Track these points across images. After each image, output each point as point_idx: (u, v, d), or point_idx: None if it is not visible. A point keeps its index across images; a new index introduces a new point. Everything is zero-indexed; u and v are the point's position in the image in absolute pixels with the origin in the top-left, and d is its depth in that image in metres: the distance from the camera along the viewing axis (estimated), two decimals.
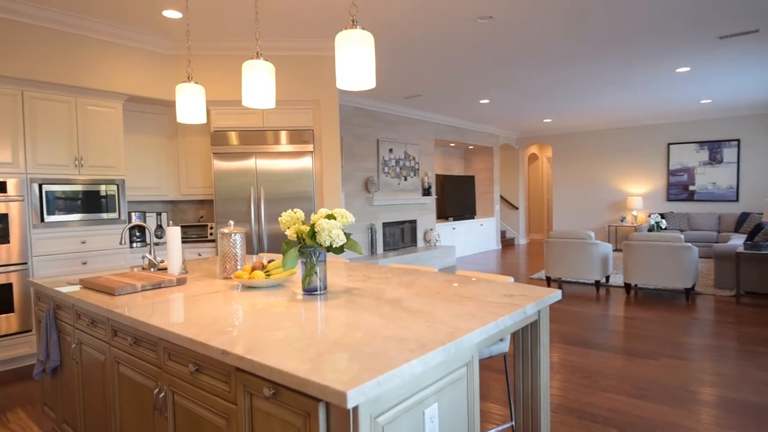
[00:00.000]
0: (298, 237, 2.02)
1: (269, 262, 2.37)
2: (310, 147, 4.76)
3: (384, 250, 8.11)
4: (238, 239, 2.51)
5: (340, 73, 1.88)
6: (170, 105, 4.88)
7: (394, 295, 1.98)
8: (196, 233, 4.96)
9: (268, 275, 2.26)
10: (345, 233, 2.02)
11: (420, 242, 8.99)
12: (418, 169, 8.92)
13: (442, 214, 10.04)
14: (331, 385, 1.04)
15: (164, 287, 2.29)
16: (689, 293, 5.63)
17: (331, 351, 1.27)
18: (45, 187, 3.85)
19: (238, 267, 2.51)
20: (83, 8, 3.80)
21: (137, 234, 4.70)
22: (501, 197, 12.45)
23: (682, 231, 9.29)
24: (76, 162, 4.05)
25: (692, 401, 2.92)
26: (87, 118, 4.12)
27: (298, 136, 4.74)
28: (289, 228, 2.06)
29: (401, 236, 8.59)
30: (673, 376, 3.32)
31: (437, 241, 9.21)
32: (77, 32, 3.99)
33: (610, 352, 3.87)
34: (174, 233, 2.67)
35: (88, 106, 4.13)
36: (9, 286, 3.68)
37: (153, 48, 4.48)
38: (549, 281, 6.69)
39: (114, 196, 4.27)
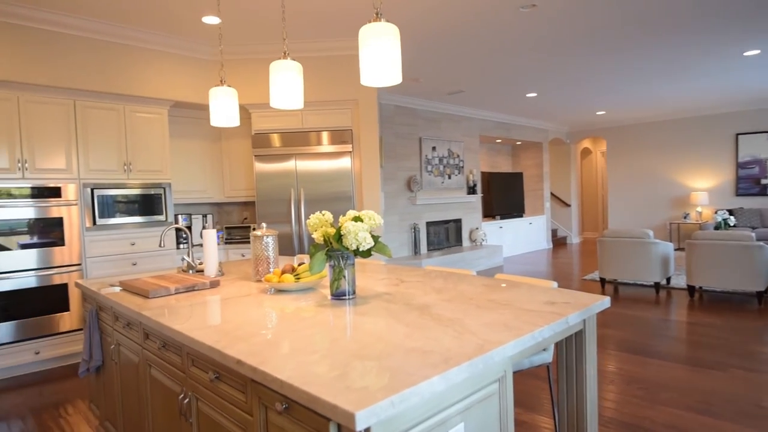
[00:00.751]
0: (325, 240, 1.96)
1: (300, 264, 2.33)
2: (348, 147, 4.72)
3: (428, 250, 7.97)
4: (270, 242, 2.49)
5: (364, 68, 1.80)
6: None
7: (425, 300, 1.88)
8: (239, 234, 5.05)
9: (298, 278, 2.21)
10: (373, 236, 1.94)
11: (465, 242, 8.78)
12: (462, 167, 8.72)
13: (489, 213, 9.77)
14: (340, 404, 0.95)
15: (197, 290, 2.30)
16: (762, 297, 5.13)
17: (347, 364, 1.19)
18: (96, 192, 4.03)
19: (271, 270, 2.48)
20: (129, 18, 3.93)
21: (184, 236, 4.84)
22: (552, 194, 11.98)
23: (753, 228, 8.53)
24: (125, 167, 4.21)
25: (766, 418, 2.62)
26: (134, 124, 4.27)
27: (336, 136, 4.72)
28: (316, 231, 2.00)
29: (446, 236, 8.43)
30: (743, 390, 3.00)
31: (483, 240, 8.97)
32: (124, 42, 4.15)
33: (671, 361, 3.57)
34: (210, 236, 2.69)
35: (136, 113, 4.28)
36: (65, 286, 3.87)
37: (195, 54, 4.59)
38: (603, 283, 6.32)
39: (161, 199, 4.40)
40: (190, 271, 2.84)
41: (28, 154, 3.70)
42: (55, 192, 3.82)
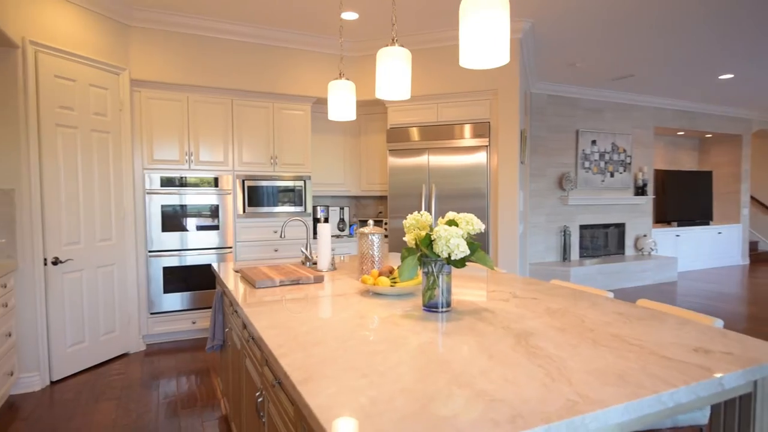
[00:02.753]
0: (416, 244, 1.75)
1: (398, 267, 2.16)
2: (485, 141, 4.39)
3: (580, 256, 7.13)
4: (375, 240, 2.37)
5: (464, 48, 1.53)
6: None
7: (530, 325, 1.55)
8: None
9: (394, 282, 2.05)
10: (472, 243, 1.67)
11: (628, 250, 7.64)
12: (629, 164, 7.57)
13: (662, 218, 8.35)
14: None
15: (302, 284, 2.30)
16: None
17: (390, 399, 0.98)
18: (247, 183, 4.43)
19: (375, 269, 2.37)
20: (275, 20, 4.21)
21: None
22: (752, 198, 9.75)
23: None
24: (272, 160, 4.55)
25: None
26: (281, 120, 4.59)
27: (472, 129, 4.43)
28: (410, 232, 1.81)
29: (604, 242, 7.44)
30: None
31: (652, 249, 7.69)
32: (273, 44, 4.46)
33: None
34: (323, 230, 2.69)
35: (283, 110, 4.59)
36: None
37: (335, 51, 4.74)
38: None
39: (301, 191, 4.67)
40: (308, 264, 2.89)
41: (194, 148, 4.23)
42: (214, 182, 4.30)
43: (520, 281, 2.36)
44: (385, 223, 5.10)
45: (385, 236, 4.99)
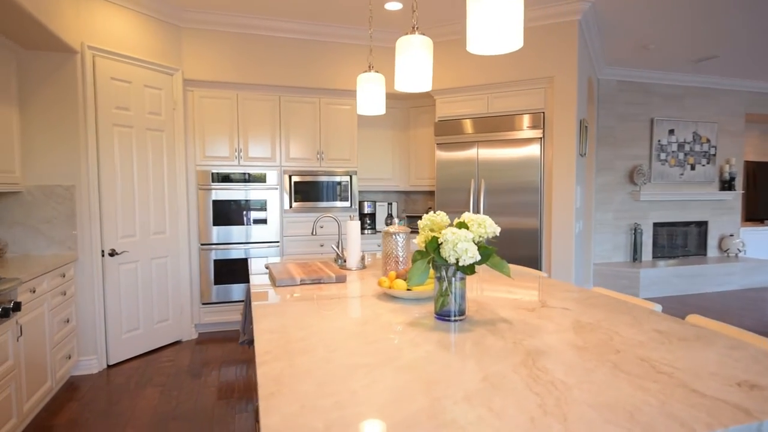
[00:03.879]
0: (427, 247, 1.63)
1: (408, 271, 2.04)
2: (538, 132, 4.10)
3: (653, 257, 6.54)
4: (400, 240, 2.27)
5: (471, 34, 1.38)
6: (401, 98, 4.99)
7: (546, 341, 1.38)
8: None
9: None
10: (485, 248, 1.52)
11: (711, 251, 6.89)
12: (714, 155, 6.81)
13: (753, 216, 7.45)
14: None
15: (323, 283, 2.25)
16: None
17: (344, 426, 0.89)
18: (294, 178, 4.48)
19: (402, 269, 2.27)
20: (320, 15, 4.18)
21: (368, 222, 5.03)
22: None
23: None
24: (318, 156, 4.56)
25: None
26: (328, 116, 4.58)
27: (525, 120, 4.15)
28: (421, 234, 1.68)
29: (682, 241, 6.77)
30: None
31: (740, 251, 6.88)
32: (319, 39, 4.45)
33: None
34: (352, 227, 2.62)
35: (329, 105, 4.58)
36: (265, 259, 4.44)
37: (380, 43, 4.64)
38: None
39: (347, 186, 4.64)
40: (339, 261, 2.84)
41: (242, 144, 4.33)
42: (262, 178, 4.39)
43: (558, 287, 2.15)
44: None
45: None
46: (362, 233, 4.93)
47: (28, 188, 3.22)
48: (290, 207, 4.49)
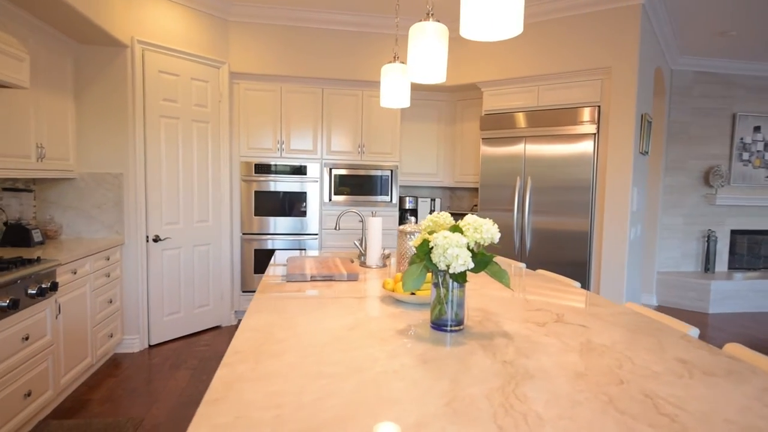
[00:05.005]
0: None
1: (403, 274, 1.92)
2: (592, 128, 3.79)
3: (729, 267, 5.89)
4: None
5: (464, 19, 1.24)
6: (449, 90, 4.82)
7: (541, 364, 1.22)
8: None
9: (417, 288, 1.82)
10: (482, 255, 1.38)
11: None
12: None
13: None
14: None
15: (335, 280, 2.19)
16: None
17: None
18: (334, 171, 4.46)
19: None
20: (365, 6, 4.11)
21: (409, 218, 4.91)
22: None
23: None
24: (359, 149, 4.51)
25: None
26: (370, 109, 4.51)
27: (578, 114, 3.85)
28: (421, 236, 1.57)
29: (767, 251, 6.04)
30: None
31: None
32: (362, 30, 4.38)
33: None
34: (374, 224, 2.54)
35: (372, 97, 4.51)
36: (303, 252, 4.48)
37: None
38: None
39: (388, 180, 4.56)
40: (362, 258, 2.78)
41: (285, 137, 4.37)
42: (303, 170, 4.41)
43: (587, 299, 1.95)
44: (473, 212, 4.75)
45: None
46: None
47: (81, 175, 3.44)
48: (330, 200, 4.48)
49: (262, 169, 4.34)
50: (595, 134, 3.82)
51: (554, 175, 3.99)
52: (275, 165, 4.36)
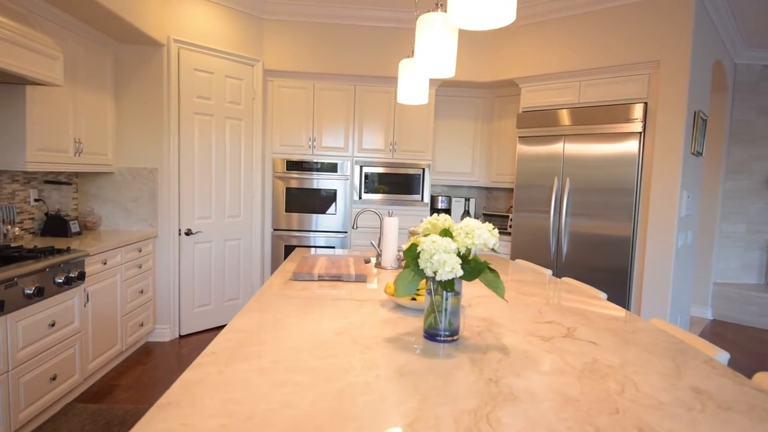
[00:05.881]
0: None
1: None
2: (637, 126, 3.53)
3: None
4: None
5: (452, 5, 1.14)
6: (486, 87, 4.65)
7: (530, 384, 1.11)
8: (497, 224, 4.62)
9: (418, 294, 1.73)
10: (474, 262, 1.28)
11: None
12: None
13: None
14: None
15: (343, 281, 2.14)
16: None
17: None
18: (365, 169, 4.42)
19: None
20: (393, 1, 4.02)
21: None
22: None
23: None
24: (391, 146, 4.44)
25: None
26: (402, 106, 4.43)
27: (621, 112, 3.60)
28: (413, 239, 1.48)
29: None
30: None
31: None
32: (396, 25, 4.30)
33: None
34: (389, 224, 2.47)
35: None
36: (331, 247, 4.46)
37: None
38: None
39: (419, 179, 4.46)
40: (379, 258, 2.71)
41: (317, 134, 4.37)
42: (334, 168, 4.40)
43: (604, 313, 1.79)
44: (510, 219, 4.56)
45: (507, 233, 4.46)
46: None
47: (119, 169, 3.59)
48: (360, 198, 4.44)
49: (294, 166, 4.36)
50: (640, 133, 3.55)
51: (595, 176, 3.74)
52: (307, 162, 4.37)
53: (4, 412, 2.10)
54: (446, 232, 1.30)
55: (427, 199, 4.49)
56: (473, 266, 1.29)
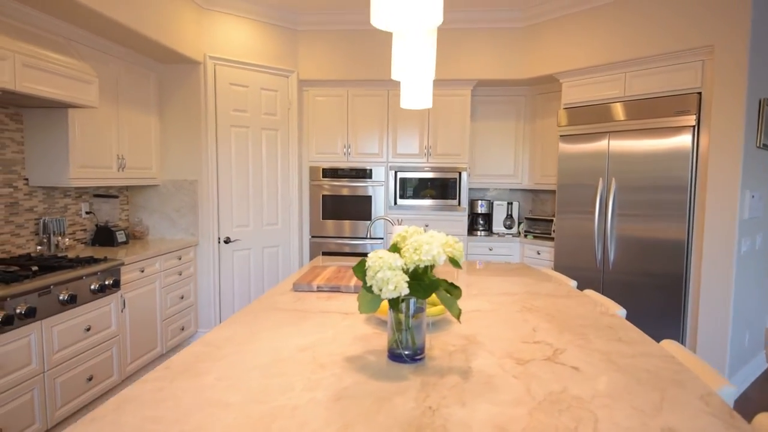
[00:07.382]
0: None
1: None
2: (690, 119, 3.18)
3: None
4: None
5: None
6: (526, 84, 4.42)
7: (476, 416, 1.02)
8: (541, 228, 4.37)
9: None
10: (431, 279, 1.20)
11: None
12: None
13: None
14: None
15: (342, 292, 2.11)
16: None
17: None
18: (400, 174, 4.37)
19: None
20: None
21: (481, 223, 4.62)
22: None
23: None
24: (426, 150, 4.36)
25: None
26: (437, 108, 4.33)
27: (671, 104, 3.26)
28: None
29: None
30: None
31: None
32: None
33: None
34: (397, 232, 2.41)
35: (439, 96, 4.32)
36: (365, 254, 4.46)
37: (501, 24, 4.15)
38: None
39: (455, 183, 4.34)
40: None
41: (351, 141, 4.40)
42: (368, 174, 4.40)
43: (615, 332, 1.61)
44: (554, 223, 4.29)
45: (550, 238, 4.19)
46: (474, 235, 4.56)
47: (163, 182, 3.83)
48: (395, 203, 4.40)
49: (329, 173, 4.42)
50: (694, 126, 3.19)
51: (643, 174, 3.42)
52: (342, 169, 4.41)
53: (41, 410, 2.30)
54: (394, 248, 1.23)
55: (464, 203, 4.35)
56: (427, 284, 1.21)
